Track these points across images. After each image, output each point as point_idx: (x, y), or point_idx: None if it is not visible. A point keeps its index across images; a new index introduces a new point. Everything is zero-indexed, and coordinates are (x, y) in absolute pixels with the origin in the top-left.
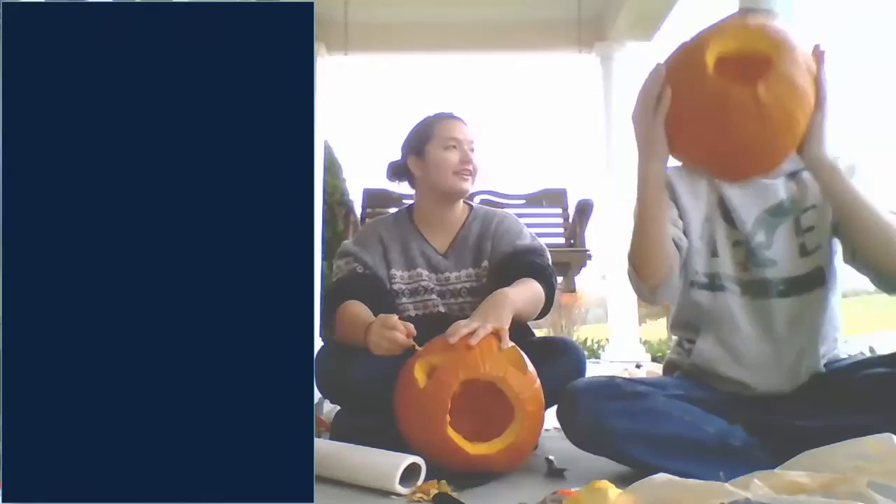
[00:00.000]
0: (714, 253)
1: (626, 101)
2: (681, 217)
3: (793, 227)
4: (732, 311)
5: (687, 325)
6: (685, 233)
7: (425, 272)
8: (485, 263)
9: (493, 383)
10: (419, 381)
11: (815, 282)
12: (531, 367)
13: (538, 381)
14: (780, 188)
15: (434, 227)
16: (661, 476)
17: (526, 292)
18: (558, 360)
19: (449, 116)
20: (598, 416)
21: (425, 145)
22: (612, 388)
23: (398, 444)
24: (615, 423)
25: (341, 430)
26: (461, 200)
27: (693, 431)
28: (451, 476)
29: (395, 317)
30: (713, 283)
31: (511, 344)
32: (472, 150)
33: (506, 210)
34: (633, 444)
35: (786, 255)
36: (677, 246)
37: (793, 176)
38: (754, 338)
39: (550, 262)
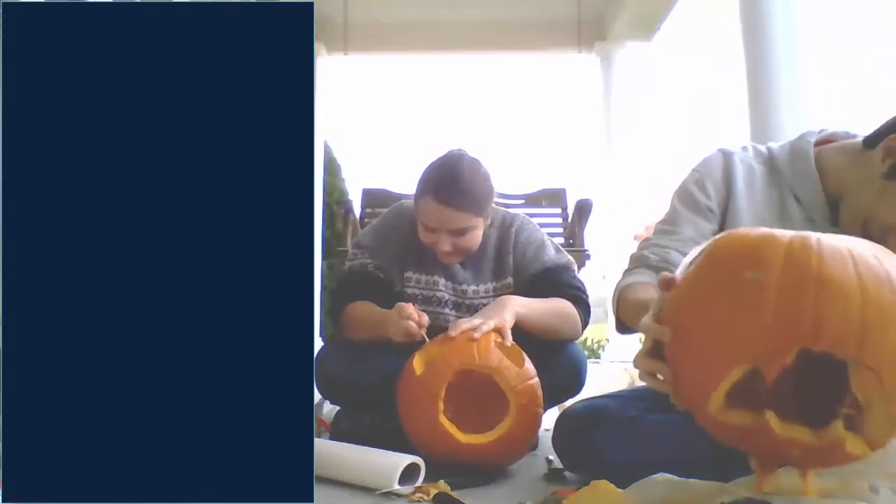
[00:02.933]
0: None
1: (625, 101)
2: (715, 224)
3: None
4: None
5: None
6: None
7: (442, 280)
8: (507, 280)
9: (490, 377)
10: (417, 370)
11: None
12: (529, 364)
13: (536, 378)
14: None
15: None
16: (661, 476)
17: (543, 305)
18: (558, 360)
19: (434, 195)
20: (593, 448)
21: (415, 206)
22: (604, 414)
23: (398, 444)
24: (611, 454)
25: (341, 430)
26: None
27: (687, 449)
28: (450, 471)
29: (411, 306)
30: None
31: (511, 342)
32: (458, 234)
33: (516, 212)
34: (629, 473)
35: None
36: None
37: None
38: None
39: (577, 270)
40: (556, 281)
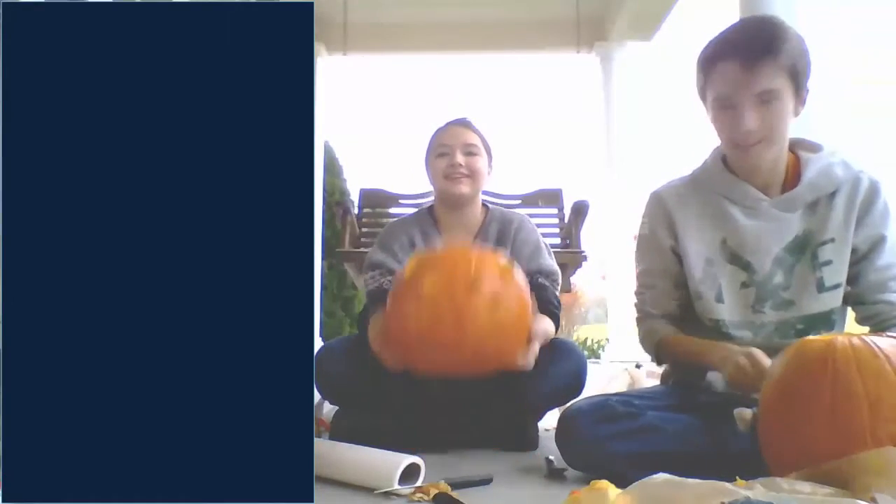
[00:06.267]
0: (719, 298)
1: (625, 101)
2: (681, 259)
3: (809, 261)
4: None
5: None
6: (687, 275)
7: None
8: None
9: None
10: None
11: (833, 322)
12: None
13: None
14: (795, 221)
15: (453, 230)
16: (661, 476)
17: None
18: (559, 361)
19: (450, 124)
20: (597, 440)
21: (427, 156)
22: (607, 409)
23: (398, 444)
24: (614, 446)
25: (341, 430)
26: (476, 204)
27: (688, 446)
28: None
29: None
30: (718, 329)
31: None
32: (468, 153)
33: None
34: (631, 465)
35: (804, 294)
36: (683, 308)
37: (812, 206)
38: None
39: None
40: (540, 296)
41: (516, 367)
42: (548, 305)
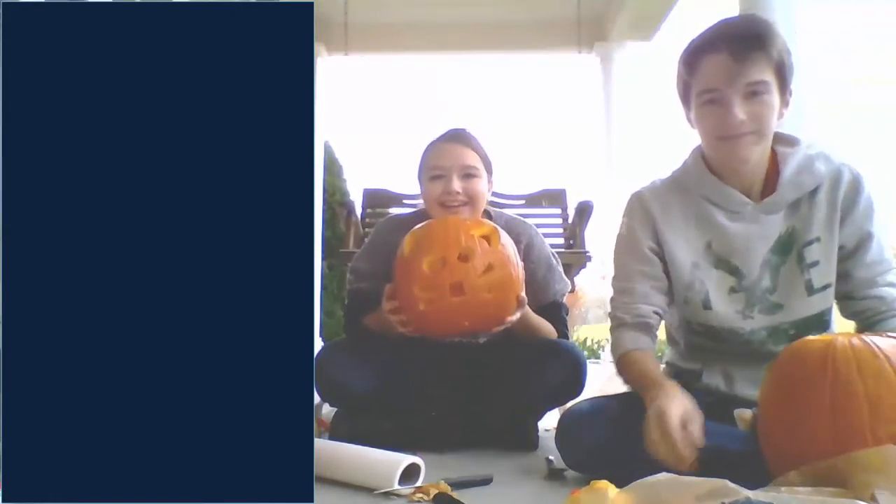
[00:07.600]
0: (706, 304)
1: (626, 101)
2: (662, 262)
3: (796, 262)
4: (736, 357)
5: (689, 355)
6: (673, 279)
7: None
8: None
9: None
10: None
11: (827, 323)
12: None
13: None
14: (778, 220)
15: None
16: (661, 475)
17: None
18: (558, 361)
19: (445, 140)
20: (597, 440)
21: (419, 176)
22: (607, 410)
23: (398, 444)
24: (614, 446)
25: (340, 432)
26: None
27: None
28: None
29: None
30: (708, 335)
31: None
32: (466, 175)
33: (516, 213)
34: (633, 468)
35: (792, 297)
36: (659, 315)
37: (795, 203)
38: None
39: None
40: (554, 318)
41: (507, 323)
42: (560, 325)
